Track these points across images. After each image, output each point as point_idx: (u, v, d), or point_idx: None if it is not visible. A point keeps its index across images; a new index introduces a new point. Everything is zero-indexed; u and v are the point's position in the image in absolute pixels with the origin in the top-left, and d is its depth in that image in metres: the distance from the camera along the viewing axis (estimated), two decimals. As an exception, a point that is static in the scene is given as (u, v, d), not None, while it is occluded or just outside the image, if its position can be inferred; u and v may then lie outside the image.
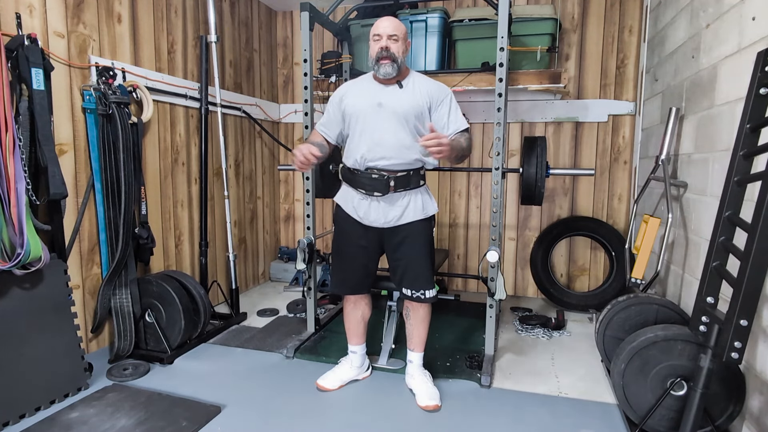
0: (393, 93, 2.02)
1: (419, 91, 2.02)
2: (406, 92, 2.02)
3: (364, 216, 2.08)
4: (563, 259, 3.65)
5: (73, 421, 1.89)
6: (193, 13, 3.10)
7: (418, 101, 2.00)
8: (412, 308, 2.18)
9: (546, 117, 3.54)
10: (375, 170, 2.02)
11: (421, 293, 2.11)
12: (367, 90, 2.06)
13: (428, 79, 2.09)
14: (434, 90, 2.04)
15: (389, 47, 1.95)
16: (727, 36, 1.96)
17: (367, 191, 2.04)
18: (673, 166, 2.54)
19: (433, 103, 2.03)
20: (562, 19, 3.42)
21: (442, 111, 2.03)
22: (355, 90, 2.10)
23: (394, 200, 2.04)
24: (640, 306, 2.16)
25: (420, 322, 2.18)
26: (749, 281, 1.38)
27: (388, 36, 1.96)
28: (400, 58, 1.98)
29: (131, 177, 2.39)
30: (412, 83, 2.05)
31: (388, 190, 2.01)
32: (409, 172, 2.04)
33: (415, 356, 2.23)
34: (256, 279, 4.00)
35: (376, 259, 2.19)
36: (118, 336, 2.43)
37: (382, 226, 2.07)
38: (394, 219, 2.05)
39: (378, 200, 2.04)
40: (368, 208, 2.06)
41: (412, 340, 2.22)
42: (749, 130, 1.51)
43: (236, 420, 1.96)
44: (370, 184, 2.02)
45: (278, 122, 4.13)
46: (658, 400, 1.78)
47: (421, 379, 2.18)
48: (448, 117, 2.03)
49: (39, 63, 1.96)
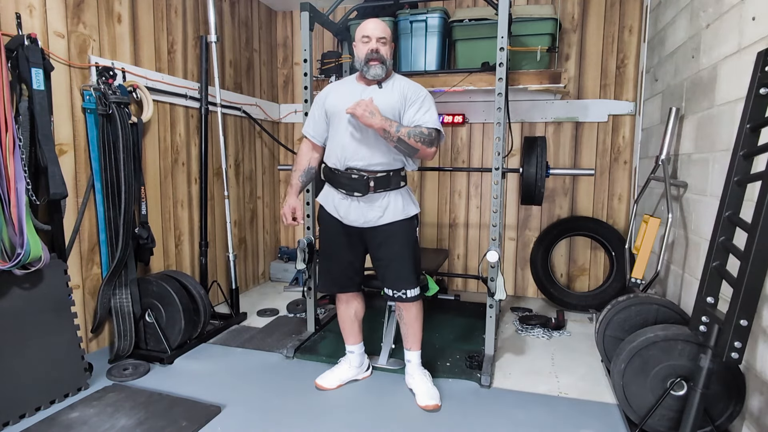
0: (372, 94, 2.02)
1: (396, 92, 2.03)
2: (384, 93, 2.03)
3: (344, 215, 2.08)
4: (563, 259, 3.65)
5: (73, 421, 1.89)
6: (193, 13, 3.10)
7: (394, 102, 2.01)
8: (402, 308, 2.18)
9: (546, 117, 3.54)
10: (354, 170, 2.02)
11: (402, 293, 2.11)
12: (349, 90, 2.07)
13: (408, 80, 2.10)
14: (410, 90, 2.04)
15: (378, 50, 1.98)
16: (727, 36, 1.96)
17: (347, 191, 2.04)
18: (673, 166, 2.54)
19: (407, 102, 2.02)
20: (562, 19, 3.42)
21: (413, 108, 2.02)
22: (337, 90, 2.12)
23: (374, 200, 2.04)
24: (640, 306, 2.16)
25: (413, 320, 2.18)
26: (749, 281, 1.38)
27: (377, 38, 1.99)
28: (388, 60, 2.02)
29: (131, 177, 2.39)
30: (391, 84, 2.06)
31: (367, 190, 2.02)
32: (389, 173, 2.04)
33: (413, 355, 2.23)
34: (256, 279, 4.00)
35: (361, 256, 2.21)
36: (118, 336, 2.43)
37: (362, 226, 2.08)
38: (374, 219, 2.05)
39: (358, 200, 2.04)
40: (348, 208, 2.07)
41: (408, 339, 2.22)
42: (749, 130, 1.51)
43: (236, 420, 1.96)
44: (350, 184, 2.03)
45: (278, 122, 4.13)
46: (658, 400, 1.78)
47: (421, 378, 2.18)
48: (416, 112, 2.01)
49: (39, 63, 1.96)
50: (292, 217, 2.16)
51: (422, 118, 1.99)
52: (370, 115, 1.89)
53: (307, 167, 2.21)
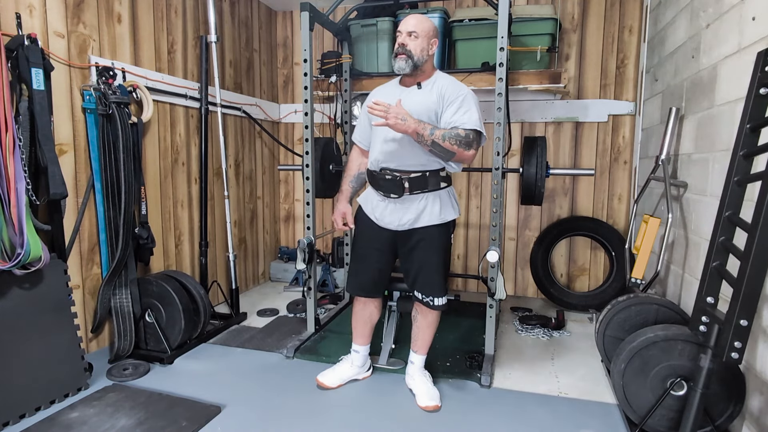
0: (410, 94, 2.01)
1: (435, 92, 1.99)
2: (422, 93, 2.01)
3: (380, 217, 2.08)
4: (563, 259, 3.65)
5: (73, 421, 1.89)
6: (193, 13, 3.10)
7: (431, 103, 1.98)
8: (420, 311, 2.17)
9: (546, 117, 3.54)
10: (388, 171, 2.02)
11: (430, 299, 2.10)
12: (389, 93, 2.07)
13: (450, 79, 2.04)
14: (449, 90, 1.99)
15: (406, 44, 1.96)
16: (727, 36, 1.96)
17: (384, 193, 2.05)
18: (673, 166, 2.54)
19: (445, 102, 1.98)
20: (562, 19, 3.42)
21: (451, 108, 1.97)
22: (378, 94, 2.12)
23: (410, 203, 2.03)
24: (640, 306, 2.16)
25: (427, 326, 2.18)
26: (749, 281, 1.38)
27: (408, 33, 1.96)
28: (417, 56, 1.96)
29: (131, 177, 2.39)
30: (432, 84, 2.03)
31: (403, 191, 2.01)
32: (425, 174, 2.01)
33: (417, 358, 2.23)
34: (256, 279, 4.00)
35: (390, 263, 2.20)
36: (118, 336, 2.43)
37: (396, 228, 2.06)
38: (409, 222, 2.03)
39: (394, 202, 2.04)
40: (384, 210, 2.07)
41: (417, 342, 2.21)
42: (749, 130, 1.51)
43: (236, 420, 1.96)
44: (385, 185, 2.03)
45: (278, 122, 4.13)
46: (658, 400, 1.78)
47: (421, 379, 2.18)
48: (454, 113, 1.96)
49: (39, 63, 1.96)
50: (342, 222, 2.22)
51: (460, 119, 1.94)
52: (402, 122, 1.86)
53: (357, 173, 2.24)
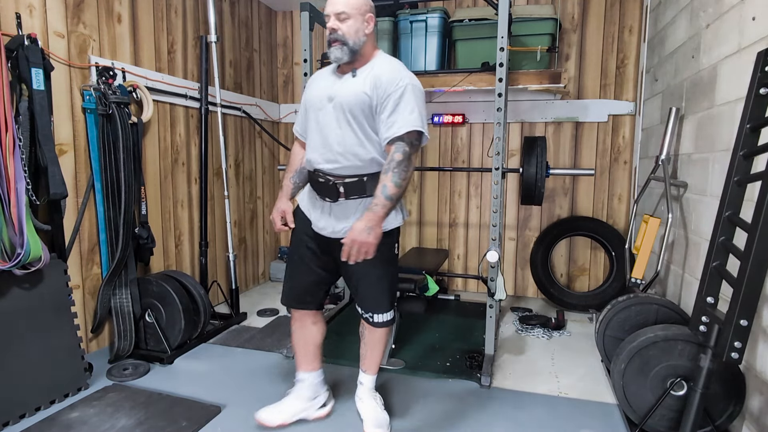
0: (344, 84, 1.70)
1: (369, 81, 1.65)
2: (356, 82, 1.69)
3: (315, 221, 1.80)
4: (563, 259, 3.65)
5: (73, 421, 1.89)
6: (193, 13, 3.10)
7: (363, 92, 1.65)
8: (366, 328, 1.90)
9: (546, 117, 3.54)
10: (321, 173, 1.74)
11: (369, 315, 1.84)
12: (325, 80, 1.77)
13: (390, 66, 1.69)
14: (385, 79, 1.64)
15: (337, 28, 1.63)
16: (727, 36, 1.96)
17: (320, 195, 1.78)
18: (673, 166, 2.54)
19: (379, 99, 1.64)
20: (562, 19, 3.42)
21: (386, 112, 1.64)
22: (314, 81, 1.83)
23: (347, 210, 1.74)
24: (640, 306, 2.16)
25: (375, 343, 1.91)
26: (749, 281, 1.38)
27: (336, 14, 1.63)
28: (353, 39, 1.64)
29: (131, 177, 2.39)
30: (369, 70, 1.69)
31: (338, 196, 1.73)
32: (362, 178, 1.71)
33: (367, 378, 1.97)
34: (256, 279, 4.00)
35: (330, 268, 1.88)
36: (118, 336, 2.43)
37: (330, 236, 1.77)
38: (343, 230, 1.71)
39: (330, 206, 1.76)
40: (320, 213, 1.79)
41: (365, 362, 1.96)
42: (749, 130, 1.51)
43: (236, 420, 1.96)
44: (318, 188, 1.77)
45: (278, 122, 4.13)
46: (658, 400, 1.78)
47: (371, 403, 1.94)
48: (387, 117, 1.63)
49: (39, 63, 1.96)
50: (282, 221, 1.89)
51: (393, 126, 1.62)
52: (367, 235, 1.56)
53: (299, 167, 1.92)
